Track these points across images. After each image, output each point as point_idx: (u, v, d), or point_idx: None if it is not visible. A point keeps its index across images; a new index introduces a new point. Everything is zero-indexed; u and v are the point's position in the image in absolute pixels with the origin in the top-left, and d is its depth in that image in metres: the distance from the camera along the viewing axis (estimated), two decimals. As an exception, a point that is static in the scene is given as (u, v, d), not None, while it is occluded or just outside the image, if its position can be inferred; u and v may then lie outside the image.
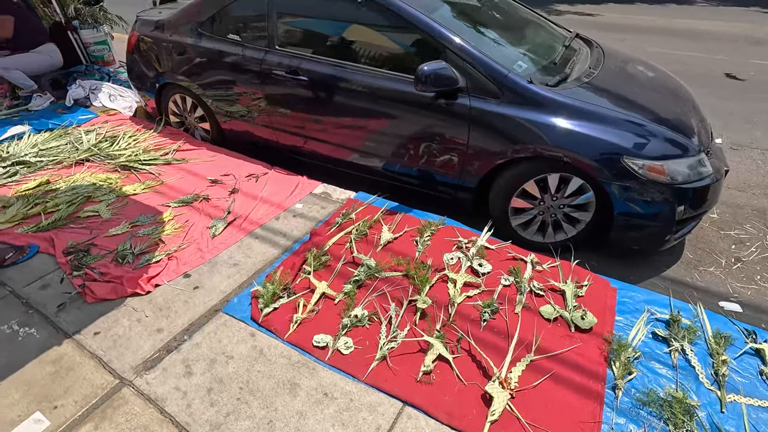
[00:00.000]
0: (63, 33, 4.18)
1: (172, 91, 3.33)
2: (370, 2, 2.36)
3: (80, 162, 3.02)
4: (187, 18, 3.04)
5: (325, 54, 2.55)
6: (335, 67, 2.50)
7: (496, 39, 2.56)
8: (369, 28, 2.47)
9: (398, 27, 2.37)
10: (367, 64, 2.43)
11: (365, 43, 2.50)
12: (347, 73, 2.47)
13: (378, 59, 2.44)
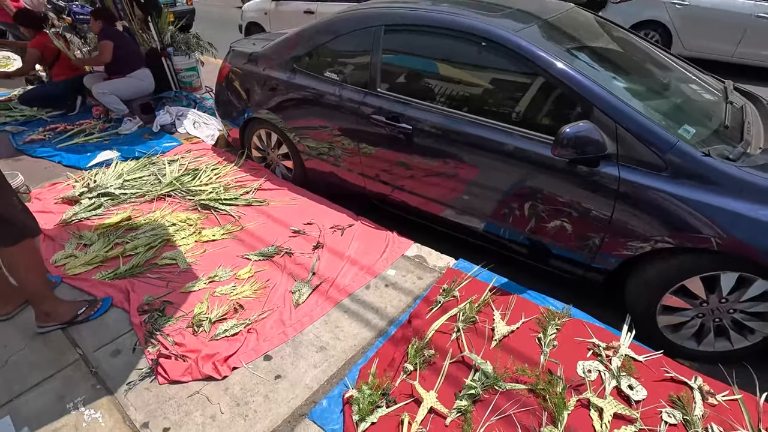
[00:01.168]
0: (157, 59, 4.24)
1: (258, 125, 3.17)
2: (497, 46, 2.02)
3: (162, 197, 2.90)
4: (282, 52, 2.87)
5: (435, 101, 2.23)
6: (446, 118, 2.17)
7: (648, 92, 2.11)
8: (491, 75, 2.12)
9: (529, 75, 2.00)
10: (486, 117, 2.08)
11: (485, 93, 2.15)
12: (460, 125, 2.13)
13: (499, 112, 2.08)
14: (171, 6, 8.27)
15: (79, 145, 3.69)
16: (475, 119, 2.09)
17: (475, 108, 2.12)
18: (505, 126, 2.01)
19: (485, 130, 2.06)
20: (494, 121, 2.04)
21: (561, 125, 1.75)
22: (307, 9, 5.69)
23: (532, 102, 2.02)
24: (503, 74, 2.08)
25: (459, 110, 2.14)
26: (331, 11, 5.51)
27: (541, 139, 1.92)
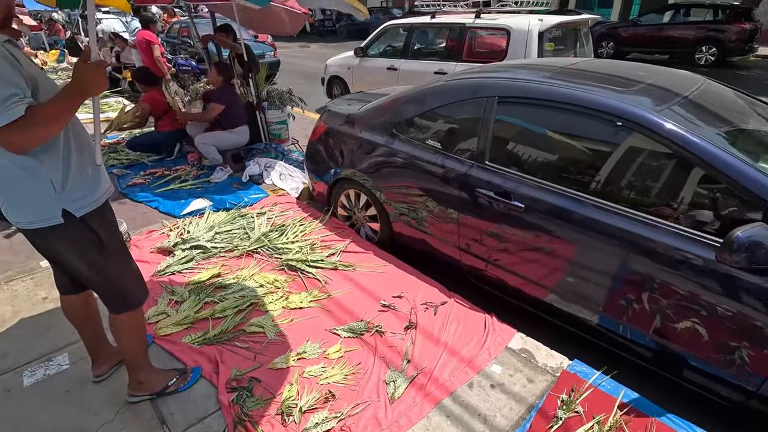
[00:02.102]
0: (252, 112, 4.45)
1: (347, 185, 3.13)
2: (636, 127, 1.81)
3: (250, 253, 2.88)
4: (382, 116, 2.84)
5: (555, 181, 2.03)
6: (570, 200, 1.95)
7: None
8: (629, 158, 1.89)
9: (680, 162, 1.75)
10: (620, 204, 1.83)
11: (618, 177, 1.92)
12: (585, 210, 1.90)
13: (639, 201, 1.83)
14: (260, 58, 8.93)
15: (174, 191, 3.87)
16: (606, 205, 1.85)
17: (605, 193, 1.89)
18: (646, 217, 1.76)
19: (618, 219, 1.81)
20: (632, 210, 1.80)
21: (721, 222, 1.48)
22: (390, 66, 5.83)
23: (686, 194, 1.75)
24: (644, 158, 1.85)
25: (585, 193, 1.92)
26: (413, 69, 5.64)
27: (696, 238, 1.64)
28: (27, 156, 1.28)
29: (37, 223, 1.37)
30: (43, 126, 1.20)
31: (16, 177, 1.30)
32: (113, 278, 1.55)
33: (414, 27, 5.69)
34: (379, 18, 22.04)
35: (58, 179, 1.35)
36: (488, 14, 5.15)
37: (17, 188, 1.33)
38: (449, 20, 5.28)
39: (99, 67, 1.30)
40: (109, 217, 1.54)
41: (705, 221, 1.67)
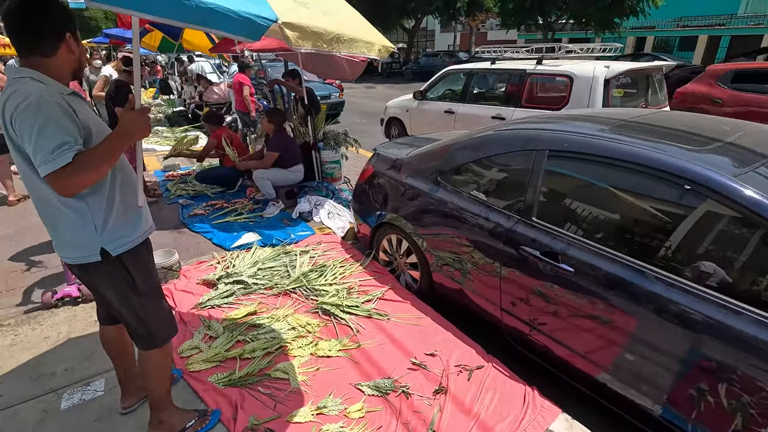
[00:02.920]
0: (308, 151, 4.63)
1: (390, 229, 3.08)
2: (711, 192, 1.58)
3: (287, 292, 2.89)
4: (427, 163, 2.79)
5: (611, 245, 1.82)
6: (627, 269, 1.73)
7: None
8: (703, 227, 1.65)
9: (761, 233, 1.50)
10: (689, 279, 1.59)
11: (691, 248, 1.68)
12: (647, 283, 1.67)
13: (711, 276, 1.58)
14: (325, 99, 9.42)
15: (229, 223, 4.05)
16: (674, 280, 1.61)
17: (672, 265, 1.65)
18: (725, 300, 1.50)
19: (689, 298, 1.56)
20: (705, 289, 1.55)
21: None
22: (447, 109, 5.85)
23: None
24: (720, 228, 1.60)
25: (647, 263, 1.69)
26: (470, 113, 5.60)
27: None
28: (75, 198, 1.37)
29: (78, 258, 1.45)
30: (89, 170, 1.28)
31: (64, 217, 1.40)
32: (142, 316, 1.59)
33: (473, 72, 5.70)
34: (445, 61, 22.65)
35: (100, 220, 1.43)
36: (551, 60, 5.03)
37: (64, 227, 1.42)
38: (509, 66, 5.22)
39: (142, 114, 1.39)
40: (145, 257, 1.60)
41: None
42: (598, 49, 5.18)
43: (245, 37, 1.05)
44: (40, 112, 1.22)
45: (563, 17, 17.87)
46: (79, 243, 1.43)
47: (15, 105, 1.23)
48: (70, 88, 1.38)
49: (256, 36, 1.05)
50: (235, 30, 1.03)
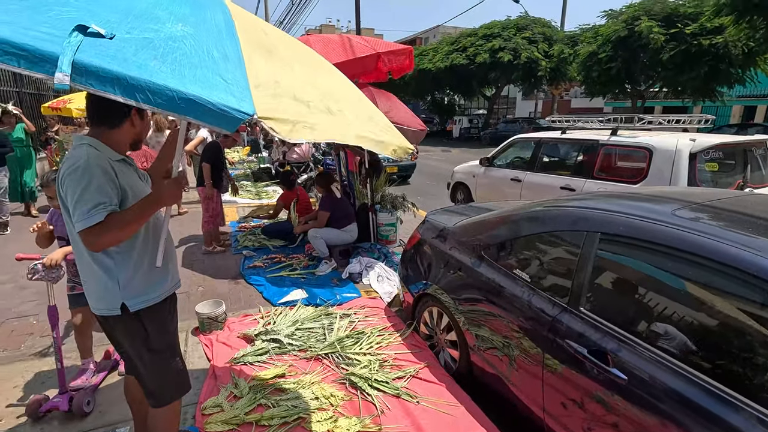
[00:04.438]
0: (365, 213, 4.72)
1: (431, 301, 2.92)
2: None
3: (319, 357, 2.81)
4: (472, 235, 2.66)
5: (673, 353, 1.51)
6: (701, 391, 1.40)
7: None
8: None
9: None
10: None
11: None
12: (731, 415, 1.32)
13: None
14: (396, 162, 9.73)
15: (282, 277, 4.17)
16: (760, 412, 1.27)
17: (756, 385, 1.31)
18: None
19: None
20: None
21: None
22: (514, 177, 5.68)
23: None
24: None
25: (730, 389, 1.36)
26: (537, 181, 5.36)
27: None
28: (103, 254, 1.49)
29: (102, 310, 1.54)
30: (118, 229, 1.39)
31: (93, 271, 1.51)
32: (151, 373, 1.62)
33: (543, 141, 5.53)
34: (524, 127, 22.53)
35: (123, 277, 1.52)
36: (628, 131, 4.72)
37: (92, 280, 1.53)
38: (581, 136, 4.99)
39: (176, 183, 1.50)
40: (164, 315, 1.65)
41: None
42: (686, 120, 4.77)
43: (221, 128, 1.11)
44: (84, 176, 1.37)
45: (655, 85, 17.06)
46: (103, 296, 1.53)
47: (67, 167, 1.40)
48: (119, 155, 1.54)
49: (232, 128, 1.11)
50: (212, 121, 1.09)
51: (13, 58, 0.93)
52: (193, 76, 1.13)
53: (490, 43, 22.29)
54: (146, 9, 1.23)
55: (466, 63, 23.00)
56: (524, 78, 22.88)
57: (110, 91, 1.00)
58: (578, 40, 19.39)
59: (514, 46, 21.60)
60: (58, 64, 0.95)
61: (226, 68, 1.23)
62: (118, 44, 1.07)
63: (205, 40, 1.26)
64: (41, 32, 0.99)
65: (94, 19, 1.07)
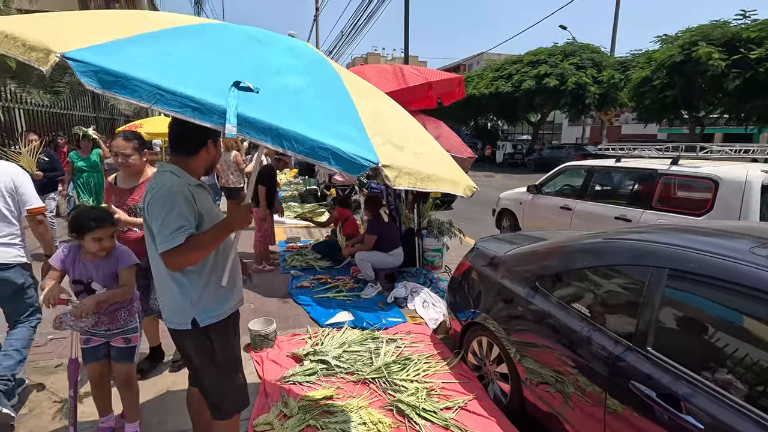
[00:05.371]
0: (411, 237, 4.74)
1: (480, 331, 2.86)
2: None
3: (366, 381, 2.81)
4: (526, 265, 2.61)
5: (757, 402, 1.40)
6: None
7: None
8: None
9: None
10: None
11: None
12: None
13: None
14: (441, 186, 9.73)
15: (328, 299, 4.24)
16: None
17: None
18: None
19: None
20: None
21: None
22: (564, 205, 5.52)
23: None
24: None
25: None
26: (589, 210, 5.19)
27: None
28: (180, 273, 1.61)
29: (175, 324, 1.66)
30: (196, 251, 1.51)
31: (170, 288, 1.64)
32: (215, 386, 1.71)
33: (595, 169, 5.38)
34: (571, 154, 21.93)
35: (195, 295, 1.63)
36: (690, 160, 4.50)
37: (168, 296, 1.66)
38: (638, 165, 4.81)
39: (248, 209, 1.61)
40: (228, 331, 1.75)
41: None
42: (755, 150, 4.49)
43: (349, 173, 1.23)
44: (167, 201, 1.50)
45: (715, 112, 16.18)
46: (177, 311, 1.64)
47: (152, 193, 1.54)
48: (197, 180, 1.69)
49: (357, 173, 1.23)
50: (343, 167, 1.20)
51: (189, 109, 1.07)
52: (323, 125, 1.26)
53: (535, 69, 22.13)
54: (270, 64, 1.38)
55: (511, 90, 22.90)
56: (572, 104, 22.42)
57: (263, 140, 1.13)
58: (630, 65, 18.84)
59: (561, 71, 21.31)
60: (226, 117, 1.07)
61: (347, 117, 1.37)
62: (264, 97, 1.20)
63: (323, 91, 1.43)
64: (207, 88, 1.12)
65: (238, 74, 1.20)
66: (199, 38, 1.30)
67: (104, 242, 2.03)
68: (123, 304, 2.17)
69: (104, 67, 0.99)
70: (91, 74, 0.97)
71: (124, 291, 2.09)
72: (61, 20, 1.23)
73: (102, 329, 2.12)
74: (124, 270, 2.10)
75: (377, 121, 1.49)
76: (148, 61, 1.09)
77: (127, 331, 2.19)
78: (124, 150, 2.47)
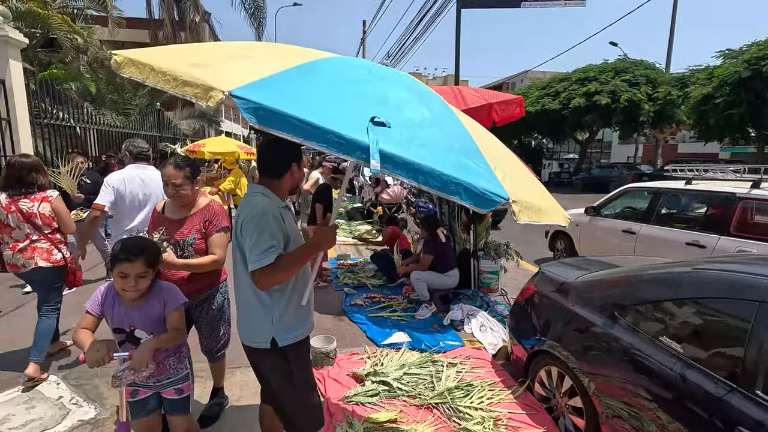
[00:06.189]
0: (467, 258, 4.67)
1: (549, 360, 2.74)
2: None
3: (430, 406, 2.76)
4: (602, 292, 2.49)
5: None
6: None
7: None
8: None
9: None
10: None
11: None
12: None
13: None
14: (489, 205, 9.57)
15: (383, 318, 4.23)
16: None
17: None
18: None
19: None
20: None
21: None
22: (627, 228, 5.26)
23: None
24: None
25: None
26: (656, 235, 4.90)
27: None
28: (265, 292, 1.67)
29: (253, 343, 1.72)
30: (284, 270, 1.57)
31: (254, 306, 1.70)
32: (292, 406, 1.74)
33: (662, 191, 5.10)
34: (623, 173, 21.01)
35: (277, 314, 1.69)
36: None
37: (249, 313, 1.72)
38: (712, 187, 4.52)
39: (334, 230, 1.66)
40: (304, 352, 1.79)
41: None
42: None
43: (479, 208, 1.21)
44: (261, 221, 1.58)
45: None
46: (257, 330, 1.70)
47: (246, 214, 1.62)
48: (284, 202, 1.76)
49: (488, 208, 1.21)
50: (474, 202, 1.20)
51: (335, 145, 1.12)
52: (451, 159, 1.27)
53: (585, 87, 21.57)
54: (392, 97, 1.42)
55: (558, 107, 22.41)
56: (624, 121, 21.58)
57: (401, 174, 1.16)
58: (688, 81, 17.95)
59: (613, 88, 20.63)
60: (370, 153, 1.10)
61: (469, 151, 1.38)
62: (395, 132, 1.22)
63: (442, 124, 1.45)
64: (347, 123, 1.16)
65: (369, 108, 1.24)
66: (330, 73, 1.37)
67: (130, 281, 1.67)
68: (171, 351, 1.90)
69: (262, 104, 1.06)
70: (251, 110, 1.04)
71: (178, 335, 1.83)
72: (207, 56, 1.33)
73: (150, 381, 1.85)
74: (174, 313, 1.82)
75: (488, 150, 1.49)
76: (295, 98, 1.15)
77: (178, 380, 1.93)
78: (175, 179, 2.14)
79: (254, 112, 1.04)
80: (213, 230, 2.25)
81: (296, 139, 1.08)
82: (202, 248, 2.25)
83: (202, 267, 2.20)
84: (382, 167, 1.10)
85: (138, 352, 1.67)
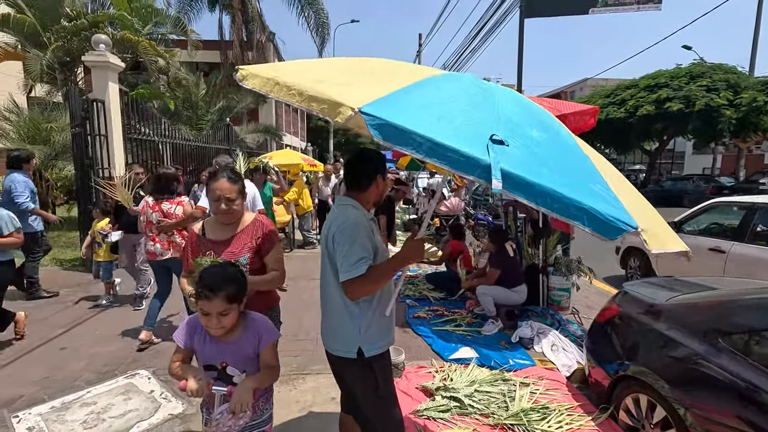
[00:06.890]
0: (534, 274, 4.51)
1: (636, 386, 2.55)
2: None
3: (504, 427, 2.67)
4: (702, 317, 2.30)
5: None
6: None
7: None
8: None
9: None
10: None
11: None
12: None
13: None
14: (551, 219, 9.21)
15: (447, 332, 4.17)
16: None
17: None
18: None
19: None
20: None
21: None
22: (714, 247, 4.82)
23: None
24: None
25: None
26: (751, 254, 4.45)
27: None
28: (353, 303, 1.70)
29: (339, 352, 1.75)
30: (374, 282, 1.60)
31: (343, 315, 1.74)
32: (377, 418, 1.75)
33: (757, 206, 4.64)
34: (699, 186, 19.36)
35: (364, 324, 1.71)
36: None
37: (338, 323, 1.76)
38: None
39: (422, 243, 1.67)
40: (387, 363, 1.80)
41: None
42: None
43: (602, 235, 1.14)
44: (353, 233, 1.62)
45: None
46: (344, 339, 1.73)
47: (338, 225, 1.67)
48: (370, 214, 1.80)
49: (613, 236, 1.14)
50: (597, 229, 1.14)
51: (456, 163, 1.11)
52: (573, 182, 1.22)
53: (654, 93, 20.24)
54: (506, 114, 1.39)
55: (624, 116, 21.19)
56: (701, 129, 19.94)
57: (519, 195, 1.14)
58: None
59: (687, 93, 19.17)
60: (492, 172, 1.09)
61: (590, 174, 1.34)
62: (514, 151, 1.20)
63: (559, 143, 1.41)
64: (467, 140, 1.16)
65: (485, 125, 1.23)
66: (445, 89, 1.39)
67: (212, 319, 1.50)
68: (262, 391, 1.73)
69: (388, 120, 1.10)
70: (378, 127, 1.09)
71: (275, 373, 1.67)
72: (328, 72, 1.40)
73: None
74: (270, 347, 1.66)
75: (605, 171, 1.42)
76: (417, 114, 1.17)
77: (263, 422, 1.77)
78: (229, 194, 1.92)
79: (380, 128, 1.08)
80: (270, 247, 2.02)
81: (418, 156, 1.10)
82: (257, 267, 1.99)
83: (268, 284, 2.02)
84: (504, 187, 1.09)
85: (238, 392, 1.51)
